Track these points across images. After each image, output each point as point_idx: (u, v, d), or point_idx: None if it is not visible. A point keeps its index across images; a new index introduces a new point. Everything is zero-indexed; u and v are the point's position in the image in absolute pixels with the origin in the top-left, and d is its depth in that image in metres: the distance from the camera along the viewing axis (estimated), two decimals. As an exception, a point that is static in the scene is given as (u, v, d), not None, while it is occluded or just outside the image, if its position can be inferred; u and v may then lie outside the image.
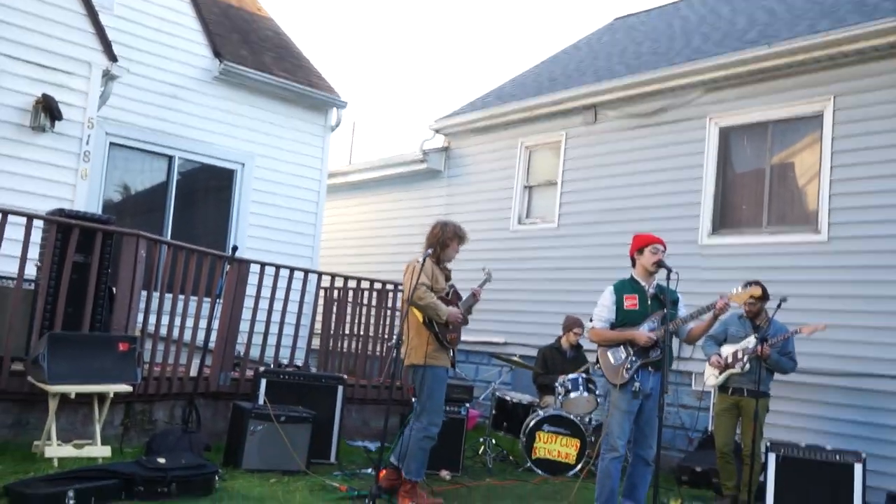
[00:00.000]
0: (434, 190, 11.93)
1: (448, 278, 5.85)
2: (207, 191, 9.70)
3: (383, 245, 12.31)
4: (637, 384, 5.06)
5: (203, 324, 7.05)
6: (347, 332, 8.55)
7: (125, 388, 5.69)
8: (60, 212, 6.11)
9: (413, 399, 5.95)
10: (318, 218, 10.25)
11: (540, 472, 7.26)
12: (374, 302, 8.76)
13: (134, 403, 6.41)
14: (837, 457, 6.29)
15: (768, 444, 6.54)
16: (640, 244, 5.32)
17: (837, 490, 6.16)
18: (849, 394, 7.13)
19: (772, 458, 6.44)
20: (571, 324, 8.20)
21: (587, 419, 7.60)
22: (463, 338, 10.81)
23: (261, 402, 6.48)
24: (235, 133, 9.60)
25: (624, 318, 5.23)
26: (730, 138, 8.62)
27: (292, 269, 7.79)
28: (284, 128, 10.03)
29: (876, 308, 7.07)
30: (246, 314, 7.42)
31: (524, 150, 10.81)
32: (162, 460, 4.98)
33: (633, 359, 5.12)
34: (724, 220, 8.50)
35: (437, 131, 11.90)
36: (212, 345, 7.14)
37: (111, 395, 5.62)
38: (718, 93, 8.64)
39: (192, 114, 9.22)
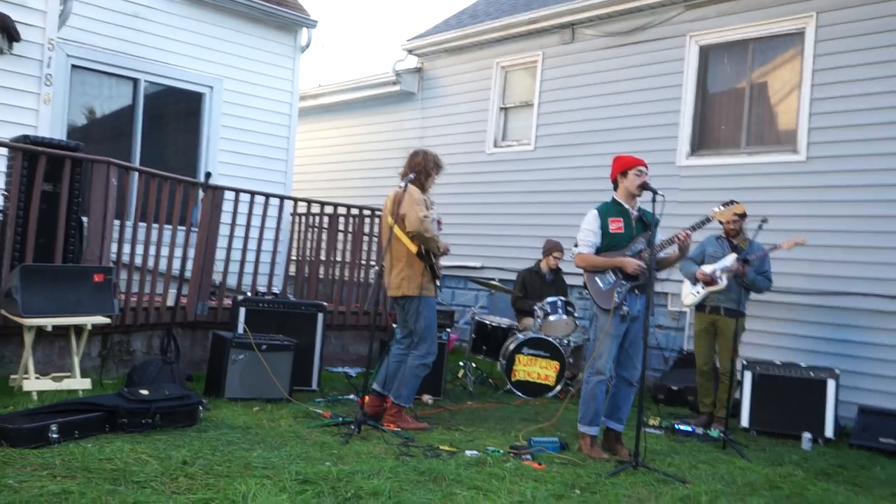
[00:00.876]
0: (408, 112, 11.70)
1: (427, 206, 5.75)
2: (176, 115, 9.40)
3: (357, 169, 12.14)
4: (625, 308, 5.06)
5: (179, 253, 6.94)
6: (324, 258, 8.46)
7: (103, 320, 5.59)
8: (25, 138, 5.87)
9: (395, 326, 5.91)
10: (290, 142, 10.01)
11: (520, 394, 7.35)
12: (350, 228, 8.67)
13: (111, 335, 6.33)
14: (812, 373, 6.43)
15: (744, 362, 6.67)
16: (624, 166, 5.22)
17: (811, 405, 6.32)
18: (823, 312, 7.24)
19: (748, 375, 6.57)
20: (551, 248, 8.18)
21: (566, 341, 7.67)
22: (441, 262, 10.90)
23: (241, 330, 6.43)
24: (203, 55, 9.25)
25: (610, 242, 5.17)
26: (710, 57, 8.49)
27: (268, 196, 7.66)
28: (254, 49, 9.69)
29: (852, 227, 7.13)
30: (222, 242, 7.31)
31: (500, 70, 10.58)
32: (145, 392, 4.91)
33: (623, 283, 5.10)
34: (702, 140, 8.45)
35: (409, 52, 11.60)
36: (188, 274, 7.04)
37: (89, 327, 5.52)
38: (698, 10, 8.46)
39: (157, 34, 8.84)
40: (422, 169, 5.63)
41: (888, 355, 6.80)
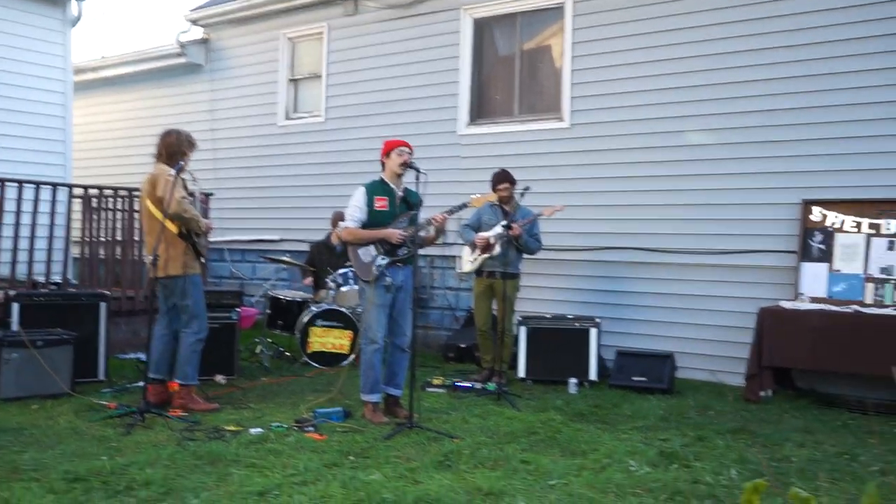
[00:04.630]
0: (196, 85, 11.40)
1: (185, 188, 5.77)
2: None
3: (147, 145, 11.62)
4: (388, 279, 5.39)
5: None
6: (110, 239, 8.21)
7: None
8: None
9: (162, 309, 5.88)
10: (66, 122, 9.50)
11: (316, 365, 7.56)
12: (136, 208, 8.44)
13: None
14: (577, 323, 7.08)
15: (520, 318, 7.22)
16: (388, 148, 5.55)
17: (577, 352, 6.97)
18: (589, 266, 7.94)
19: (522, 330, 7.13)
20: (339, 218, 8.34)
21: (359, 310, 7.92)
22: (238, 237, 10.82)
23: (14, 328, 6.18)
24: (-45, 32, 8.58)
25: (374, 219, 5.48)
26: (483, 30, 8.91)
27: (38, 184, 7.32)
28: (17, 24, 9.06)
29: (612, 188, 7.82)
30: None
31: (287, 41, 10.54)
32: None
33: (382, 256, 5.41)
34: (480, 110, 8.90)
35: (193, 22, 11.25)
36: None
37: None
38: (471, -17, 8.84)
39: None
40: (176, 149, 5.63)
41: (643, 301, 7.60)
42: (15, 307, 6.34)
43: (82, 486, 3.88)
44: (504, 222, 6.82)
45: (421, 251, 5.85)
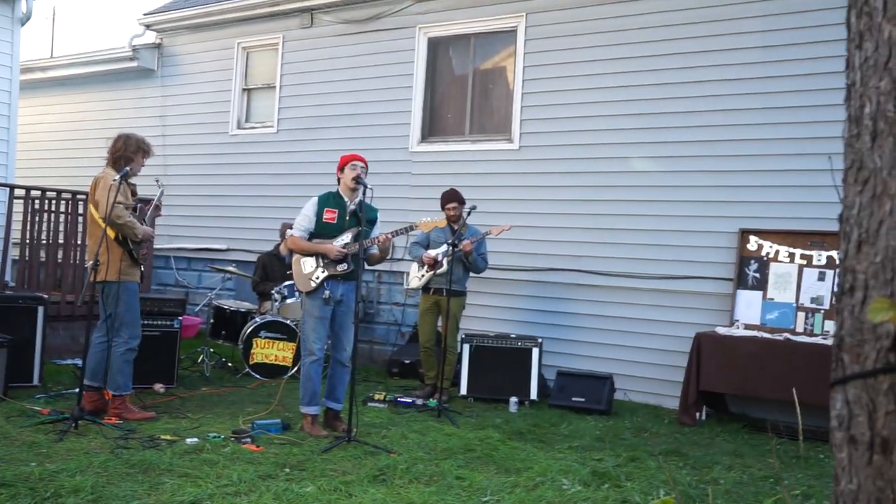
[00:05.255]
0: (147, 90, 11.28)
1: (134, 193, 5.73)
2: None
3: (93, 149, 11.43)
4: (327, 292, 5.43)
5: None
6: (51, 242, 8.06)
7: None
8: None
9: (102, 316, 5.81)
10: (11, 121, 9.31)
11: (258, 376, 7.51)
12: (80, 211, 8.30)
13: None
14: (519, 343, 7.17)
15: (463, 336, 7.28)
16: (343, 163, 5.63)
17: (519, 371, 7.06)
18: (532, 286, 8.04)
19: (466, 347, 7.20)
20: (287, 229, 8.33)
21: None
22: (185, 245, 10.71)
23: (-55, 330, 6.04)
24: None
25: (321, 230, 5.54)
26: (438, 49, 9.02)
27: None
28: (-37, 19, 8.90)
29: (557, 210, 7.95)
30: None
31: (242, 51, 10.52)
32: None
33: (322, 269, 5.46)
34: (432, 128, 8.99)
35: (147, 27, 11.15)
36: None
37: None
38: (427, 3, 8.92)
39: None
40: (122, 154, 5.60)
41: (584, 323, 7.73)
42: (-52, 309, 6.20)
43: (8, 492, 3.81)
44: (451, 240, 6.89)
45: (367, 267, 5.90)
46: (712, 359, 6.39)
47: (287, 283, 7.85)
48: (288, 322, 7.64)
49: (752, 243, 6.96)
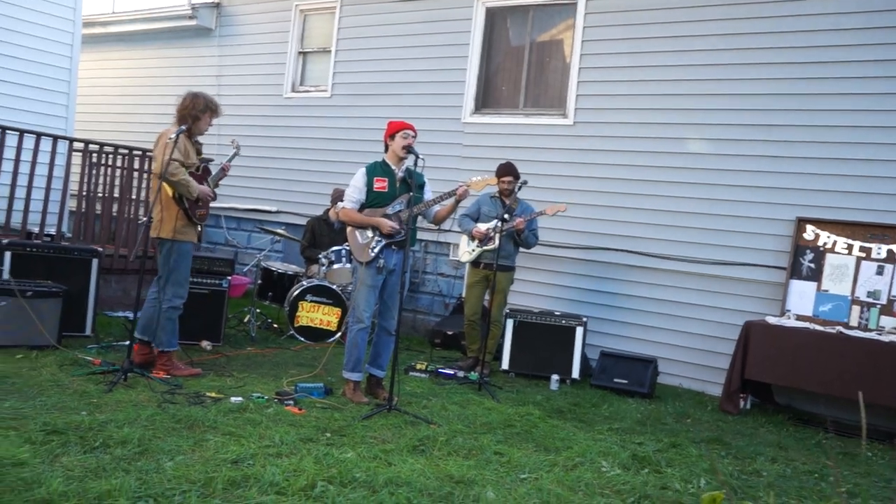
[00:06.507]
0: (205, 49, 11.36)
1: (199, 152, 5.77)
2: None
3: (150, 105, 11.65)
4: (382, 261, 5.43)
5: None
6: (107, 196, 8.20)
7: None
8: None
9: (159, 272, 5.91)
10: (72, 74, 9.47)
11: (302, 339, 7.59)
12: (136, 166, 8.43)
13: None
14: (564, 321, 7.12)
15: (508, 310, 7.25)
16: (392, 130, 5.55)
17: (562, 348, 7.01)
18: (582, 265, 7.96)
19: (510, 322, 7.17)
20: (338, 197, 8.34)
21: (349, 289, 7.96)
22: (235, 205, 10.82)
23: (5, 276, 6.20)
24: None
25: (373, 200, 5.51)
26: (495, 19, 8.90)
27: (39, 135, 7.30)
28: (30, -28, 9.02)
29: (609, 188, 7.84)
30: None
31: (299, 13, 10.51)
32: None
33: (378, 239, 5.45)
34: (486, 99, 8.90)
35: (207, -14, 11.21)
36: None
37: None
38: (488, -28, 8.81)
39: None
40: (189, 113, 5.61)
41: (630, 304, 7.64)
42: (7, 256, 6.36)
43: (59, 439, 3.91)
44: (502, 214, 6.83)
45: (434, 225, 5.84)
46: (760, 348, 6.27)
47: (334, 248, 7.88)
48: (334, 287, 7.68)
49: (809, 233, 6.78)
